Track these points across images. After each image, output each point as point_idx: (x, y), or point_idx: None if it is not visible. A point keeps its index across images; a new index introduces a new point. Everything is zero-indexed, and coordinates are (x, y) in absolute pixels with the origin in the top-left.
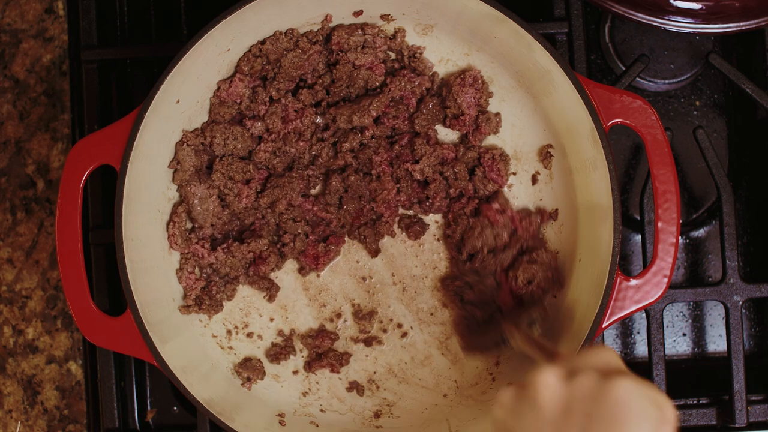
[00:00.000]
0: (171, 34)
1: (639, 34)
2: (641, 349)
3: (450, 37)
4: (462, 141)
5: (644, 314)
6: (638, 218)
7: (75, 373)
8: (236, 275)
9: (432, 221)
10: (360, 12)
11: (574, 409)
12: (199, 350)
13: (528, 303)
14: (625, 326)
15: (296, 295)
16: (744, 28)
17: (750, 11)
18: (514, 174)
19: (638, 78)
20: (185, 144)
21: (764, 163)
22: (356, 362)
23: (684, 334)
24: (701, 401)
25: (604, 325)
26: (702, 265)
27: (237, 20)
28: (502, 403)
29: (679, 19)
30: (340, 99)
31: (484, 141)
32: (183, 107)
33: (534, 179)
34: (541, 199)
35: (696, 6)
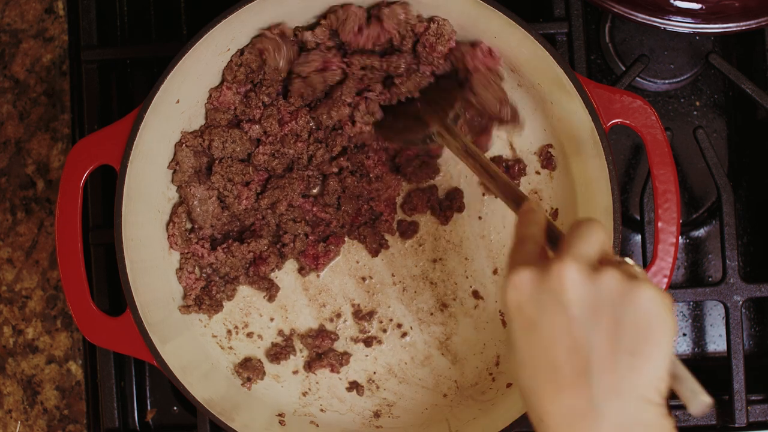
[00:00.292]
0: (171, 34)
1: (639, 34)
2: None
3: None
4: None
5: None
6: (638, 218)
7: (75, 373)
8: (236, 275)
9: (423, 221)
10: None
11: (602, 312)
12: (199, 350)
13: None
14: None
15: (296, 295)
16: (744, 28)
17: (750, 11)
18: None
19: (638, 78)
20: (184, 145)
21: (764, 163)
22: (356, 362)
23: (684, 334)
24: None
25: None
26: (702, 265)
27: (237, 20)
28: (519, 287)
29: (679, 19)
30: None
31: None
32: (183, 107)
33: None
34: (541, 199)
35: (696, 6)
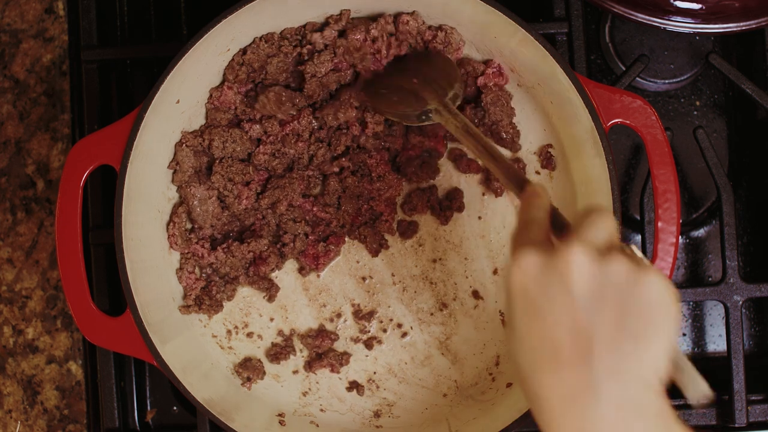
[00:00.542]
0: (171, 34)
1: (639, 34)
2: None
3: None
4: None
5: None
6: (638, 218)
7: (75, 373)
8: (236, 275)
9: (423, 221)
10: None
11: (608, 297)
12: (199, 350)
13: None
14: None
15: (296, 295)
16: (744, 28)
17: (750, 11)
18: None
19: (638, 78)
20: (184, 145)
21: (764, 163)
22: (356, 362)
23: (684, 334)
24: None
25: None
26: (702, 265)
27: (237, 20)
28: (524, 269)
29: (679, 19)
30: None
31: None
32: (183, 107)
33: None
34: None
35: (696, 6)
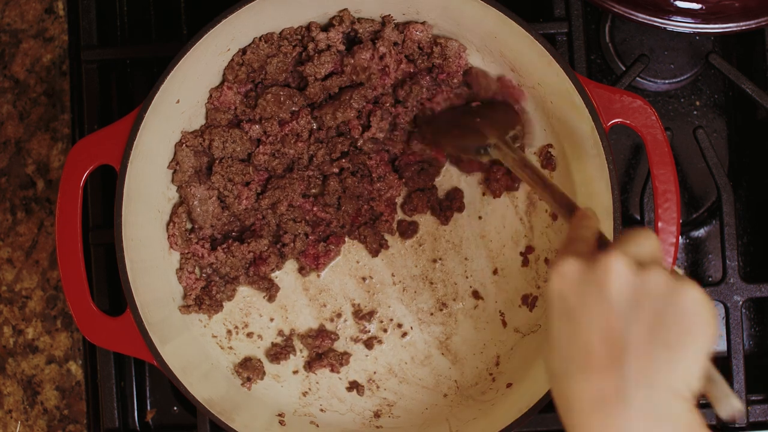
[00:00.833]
0: (171, 34)
1: (639, 34)
2: None
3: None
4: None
5: None
6: (638, 218)
7: (75, 373)
8: (236, 275)
9: (423, 221)
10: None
11: (644, 305)
12: (199, 350)
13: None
14: None
15: (296, 295)
16: (744, 28)
17: (750, 11)
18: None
19: (638, 78)
20: (184, 145)
21: (764, 163)
22: (356, 362)
23: None
24: (701, 401)
25: None
26: (702, 265)
27: (237, 20)
28: (564, 276)
29: (679, 19)
30: (323, 99)
31: None
32: (183, 107)
33: None
34: (541, 199)
35: (696, 6)
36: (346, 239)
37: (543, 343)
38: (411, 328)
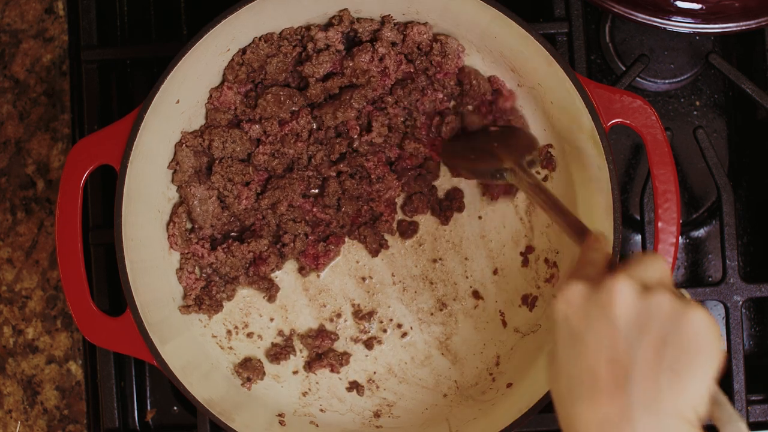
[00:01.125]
0: (171, 34)
1: (639, 34)
2: None
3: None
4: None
5: None
6: (638, 218)
7: (75, 373)
8: (236, 275)
9: (423, 221)
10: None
11: (650, 328)
12: (199, 350)
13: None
14: None
15: (296, 295)
16: (744, 28)
17: (750, 11)
18: None
19: (638, 78)
20: (184, 145)
21: (764, 163)
22: (356, 362)
23: None
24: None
25: None
26: (702, 265)
27: (237, 20)
28: (570, 300)
29: (679, 19)
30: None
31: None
32: (183, 107)
33: None
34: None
35: (696, 6)
36: (346, 239)
37: (548, 366)
38: (411, 328)
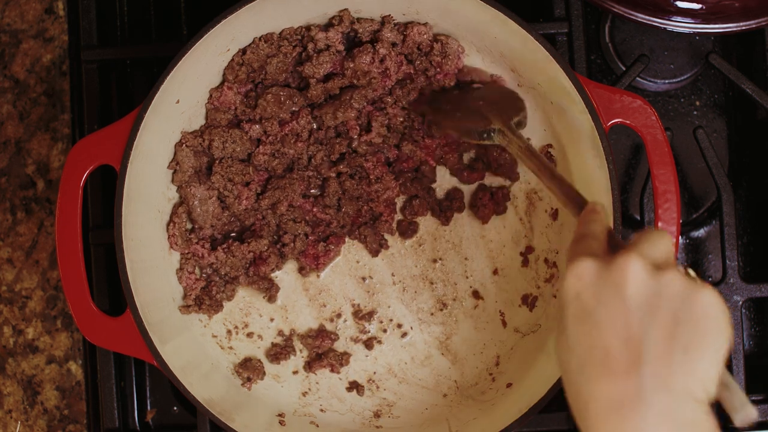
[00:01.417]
0: (171, 34)
1: (639, 34)
2: None
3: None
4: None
5: None
6: (638, 218)
7: (75, 373)
8: (236, 275)
9: (423, 221)
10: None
11: (662, 307)
12: (199, 350)
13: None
14: None
15: (296, 296)
16: (744, 28)
17: (750, 11)
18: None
19: (638, 78)
20: (184, 145)
21: (764, 163)
22: (356, 362)
23: None
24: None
25: None
26: (702, 265)
27: (237, 20)
28: (581, 276)
29: (680, 19)
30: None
31: None
32: (183, 107)
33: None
34: (541, 199)
35: (696, 6)
36: (346, 239)
37: (556, 344)
38: (411, 328)
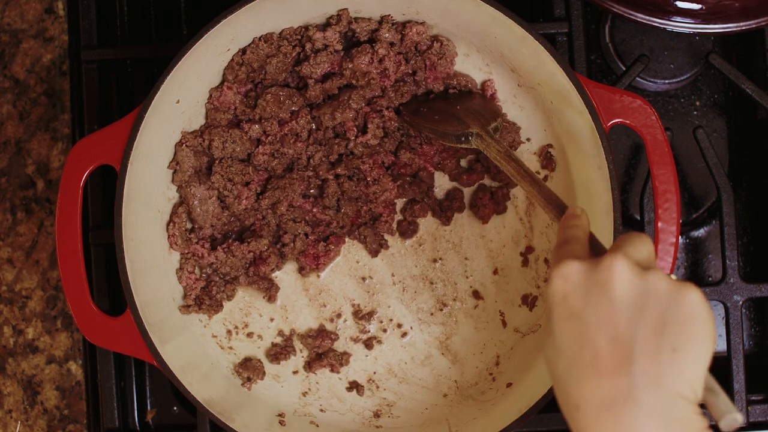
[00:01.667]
0: (171, 34)
1: (639, 34)
2: None
3: (449, 38)
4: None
5: None
6: (638, 218)
7: (75, 373)
8: (236, 275)
9: (423, 221)
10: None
11: (648, 306)
12: (199, 350)
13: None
14: None
15: (296, 296)
16: (744, 28)
17: (750, 11)
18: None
19: (638, 78)
20: (184, 145)
21: (764, 163)
22: (356, 362)
23: None
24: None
25: None
26: (702, 265)
27: (237, 20)
28: (567, 278)
29: (680, 20)
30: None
31: None
32: (183, 107)
33: None
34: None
35: (696, 6)
36: (346, 239)
37: (544, 346)
38: (411, 328)
